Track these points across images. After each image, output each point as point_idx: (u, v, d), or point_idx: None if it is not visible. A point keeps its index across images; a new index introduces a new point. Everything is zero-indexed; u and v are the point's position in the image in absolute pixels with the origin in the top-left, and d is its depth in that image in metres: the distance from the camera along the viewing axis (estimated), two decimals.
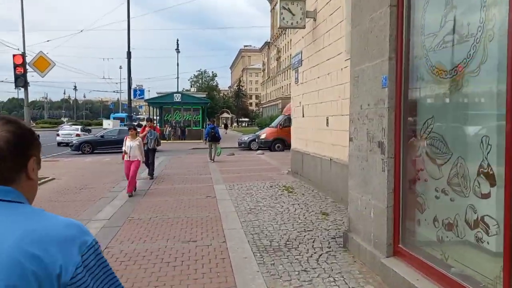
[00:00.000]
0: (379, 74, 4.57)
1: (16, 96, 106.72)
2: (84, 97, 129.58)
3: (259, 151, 20.82)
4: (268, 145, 23.22)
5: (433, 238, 3.80)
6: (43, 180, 11.68)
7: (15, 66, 14.71)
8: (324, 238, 5.86)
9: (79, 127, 32.78)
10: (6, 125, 1.06)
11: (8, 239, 0.95)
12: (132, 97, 27.86)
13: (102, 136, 24.66)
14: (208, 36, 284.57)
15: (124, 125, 28.20)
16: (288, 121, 23.46)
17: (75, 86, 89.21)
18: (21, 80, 14.77)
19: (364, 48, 5.00)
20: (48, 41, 28.81)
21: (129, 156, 9.65)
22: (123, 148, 9.88)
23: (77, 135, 28.89)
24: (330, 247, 5.44)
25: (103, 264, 1.06)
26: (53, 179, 12.26)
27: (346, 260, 4.94)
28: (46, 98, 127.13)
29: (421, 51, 4.07)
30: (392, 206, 4.38)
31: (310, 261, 4.94)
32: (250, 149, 23.91)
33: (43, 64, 15.16)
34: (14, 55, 14.66)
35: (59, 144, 28.53)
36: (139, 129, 12.44)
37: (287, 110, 24.06)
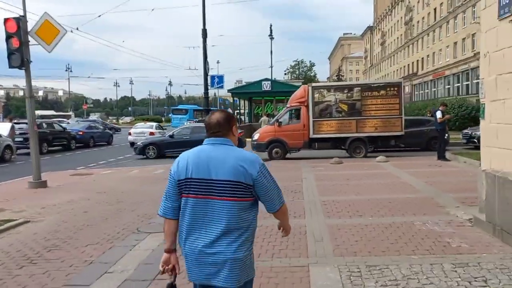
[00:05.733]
0: None
1: (128, 95, 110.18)
2: (185, 93, 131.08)
3: (380, 158, 13.82)
4: (263, 150, 15.60)
5: None
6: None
7: (8, 36, 9.80)
8: None
9: (154, 124, 28.43)
10: (222, 113, 2.43)
11: (231, 158, 2.28)
12: (209, 85, 22.52)
13: (171, 136, 19.55)
14: (301, 28, 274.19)
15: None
16: (292, 115, 15.68)
17: (170, 81, 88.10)
18: (16, 58, 9.89)
19: None
20: (98, 17, 24.35)
21: None
22: None
23: (151, 133, 24.45)
24: None
25: (269, 173, 2.35)
26: (26, 222, 6.91)
27: None
28: (150, 95, 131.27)
29: None
30: None
31: None
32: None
33: (49, 32, 10.11)
34: (5, 20, 9.77)
35: (132, 144, 24.34)
36: None
37: (292, 100, 16.14)
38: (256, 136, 16.30)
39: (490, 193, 5.38)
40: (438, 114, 13.63)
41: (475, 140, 17.22)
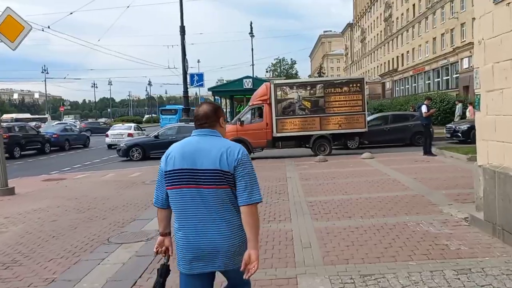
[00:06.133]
0: None
1: (107, 96, 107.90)
2: (166, 92, 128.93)
3: (365, 154, 13.49)
4: None
5: None
6: None
7: None
8: None
9: (133, 125, 27.57)
10: (209, 104, 2.52)
11: (215, 147, 2.33)
12: (189, 84, 21.93)
13: (156, 137, 18.82)
14: (282, 26, 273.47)
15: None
16: (254, 114, 15.18)
17: (150, 81, 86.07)
18: None
19: None
20: (71, 13, 23.50)
21: None
22: None
23: (130, 134, 23.65)
24: None
25: (250, 164, 2.37)
26: None
27: None
28: (130, 96, 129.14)
29: None
30: None
31: None
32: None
33: (13, 28, 9.41)
34: None
35: (110, 146, 23.53)
36: None
37: (254, 98, 15.70)
38: None
39: (489, 190, 5.00)
40: (424, 109, 13.35)
41: (459, 134, 17.11)
